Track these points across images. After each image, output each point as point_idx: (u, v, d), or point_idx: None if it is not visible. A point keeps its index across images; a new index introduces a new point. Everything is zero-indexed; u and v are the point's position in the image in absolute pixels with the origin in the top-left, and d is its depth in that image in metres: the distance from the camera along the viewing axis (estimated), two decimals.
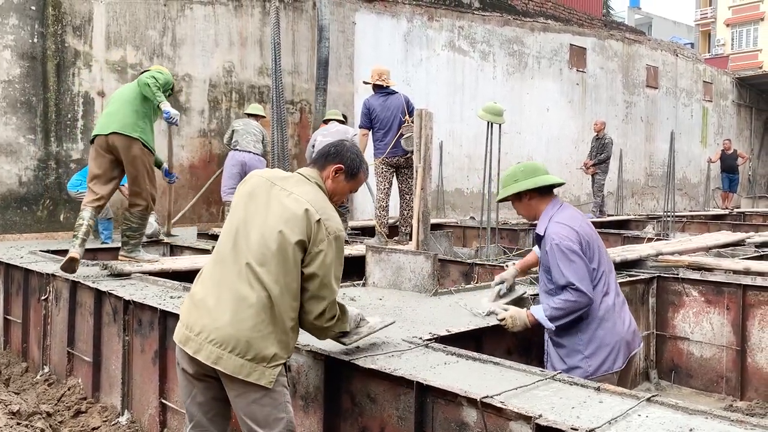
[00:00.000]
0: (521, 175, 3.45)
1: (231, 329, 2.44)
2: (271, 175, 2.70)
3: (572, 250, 3.23)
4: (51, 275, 5.27)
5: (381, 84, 7.51)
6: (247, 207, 2.61)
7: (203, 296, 2.55)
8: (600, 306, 3.29)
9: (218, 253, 2.62)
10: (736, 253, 7.11)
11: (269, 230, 2.51)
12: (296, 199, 2.57)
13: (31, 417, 4.22)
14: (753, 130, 23.86)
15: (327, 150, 2.82)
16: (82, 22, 8.52)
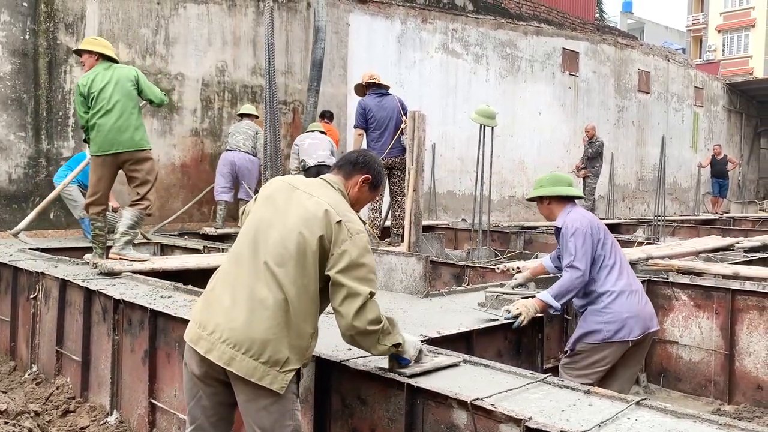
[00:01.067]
0: (546, 183, 4.08)
1: (246, 330, 2.40)
2: (293, 179, 2.70)
3: (579, 231, 3.76)
4: (40, 273, 5.24)
5: (374, 82, 7.51)
6: (267, 208, 2.60)
7: (219, 295, 2.51)
8: (617, 283, 3.78)
9: (236, 254, 2.58)
10: (726, 258, 7.16)
11: (288, 231, 2.48)
12: (317, 201, 2.55)
13: (18, 416, 4.18)
14: (743, 136, 24.03)
15: (355, 158, 2.80)
16: (74, 20, 8.47)
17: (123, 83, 5.52)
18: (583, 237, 3.74)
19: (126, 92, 5.51)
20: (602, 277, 3.79)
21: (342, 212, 2.55)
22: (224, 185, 8.90)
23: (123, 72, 5.57)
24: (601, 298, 3.77)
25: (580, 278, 3.71)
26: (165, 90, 9.33)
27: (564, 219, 3.91)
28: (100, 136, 5.43)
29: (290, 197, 2.58)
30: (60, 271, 5.25)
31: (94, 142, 5.48)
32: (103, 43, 5.79)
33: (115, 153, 5.46)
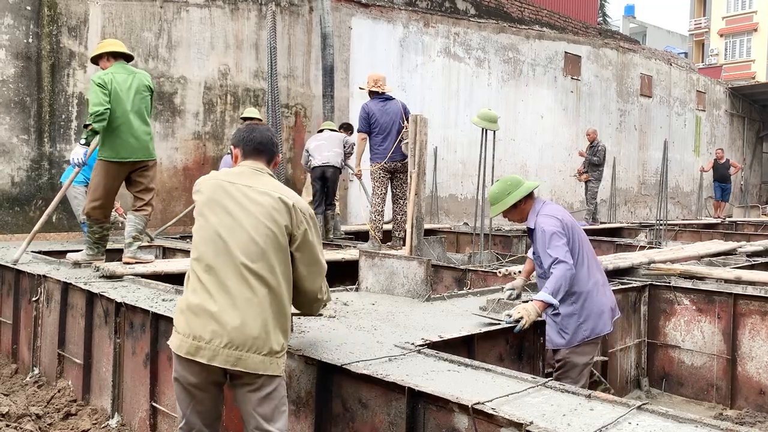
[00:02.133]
0: (511, 187, 4.10)
1: (244, 330, 2.51)
2: (223, 177, 2.76)
3: (554, 233, 3.89)
4: (42, 276, 5.24)
5: (377, 90, 7.54)
6: (219, 213, 2.65)
7: (201, 303, 2.56)
8: (588, 281, 3.98)
9: (203, 262, 2.62)
10: (728, 262, 7.15)
11: (254, 228, 2.60)
12: (269, 193, 2.68)
13: (20, 419, 4.19)
14: (745, 140, 24.01)
15: (271, 140, 2.90)
16: (77, 23, 8.50)
17: (142, 90, 5.48)
18: (557, 236, 3.89)
19: (145, 99, 5.49)
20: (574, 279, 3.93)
21: (290, 196, 2.73)
22: None
23: (142, 78, 5.54)
24: (573, 299, 3.96)
25: (570, 270, 3.83)
26: (168, 93, 9.36)
27: (535, 219, 4.03)
28: (119, 142, 5.33)
29: (234, 195, 2.67)
30: (62, 273, 5.25)
31: (110, 147, 5.34)
32: (113, 42, 5.75)
33: (134, 161, 5.44)
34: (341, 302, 4.49)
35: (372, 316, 4.10)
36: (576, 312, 3.96)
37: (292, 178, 10.53)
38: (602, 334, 4.03)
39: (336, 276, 6.72)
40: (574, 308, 3.96)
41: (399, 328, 3.78)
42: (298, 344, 3.24)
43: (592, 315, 3.96)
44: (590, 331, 3.96)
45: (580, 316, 3.96)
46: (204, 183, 2.78)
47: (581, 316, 3.96)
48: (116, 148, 5.36)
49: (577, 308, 3.96)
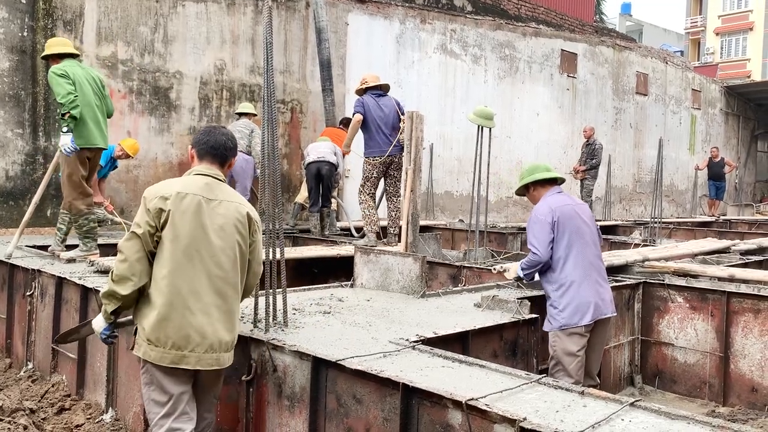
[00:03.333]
0: (526, 173, 4.51)
1: (218, 335, 2.85)
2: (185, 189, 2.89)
3: (539, 221, 4.23)
4: (37, 271, 5.23)
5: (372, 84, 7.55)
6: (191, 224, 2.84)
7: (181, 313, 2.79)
8: (573, 273, 4.18)
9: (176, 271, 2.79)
10: (722, 260, 7.18)
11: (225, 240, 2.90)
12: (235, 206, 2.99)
13: (13, 413, 4.18)
14: (740, 139, 24.07)
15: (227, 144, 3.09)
16: (72, 17, 8.46)
17: (98, 83, 5.77)
18: (541, 225, 4.23)
19: (101, 92, 5.77)
20: (558, 268, 4.22)
21: (248, 206, 3.08)
22: None
23: (95, 73, 5.84)
24: (556, 288, 4.23)
25: (538, 258, 4.23)
26: (163, 88, 9.33)
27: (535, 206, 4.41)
28: (87, 130, 5.53)
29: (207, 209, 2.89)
30: (56, 268, 5.24)
31: (79, 135, 5.49)
32: (63, 41, 6.00)
33: (100, 148, 5.69)
34: (336, 298, 4.49)
35: (367, 312, 4.11)
36: (556, 299, 4.21)
37: (288, 174, 10.53)
38: (578, 326, 4.14)
39: (331, 272, 6.73)
40: (555, 296, 4.22)
41: (394, 324, 3.79)
42: (293, 340, 3.25)
43: (570, 306, 4.15)
44: (567, 320, 4.15)
45: (559, 304, 4.19)
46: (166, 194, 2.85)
47: (560, 305, 4.18)
48: (86, 136, 5.54)
49: (558, 297, 4.19)
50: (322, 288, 5.02)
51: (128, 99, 8.99)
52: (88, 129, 5.56)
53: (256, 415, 3.30)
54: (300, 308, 4.09)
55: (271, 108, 3.62)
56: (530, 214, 4.38)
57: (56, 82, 5.41)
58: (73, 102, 5.36)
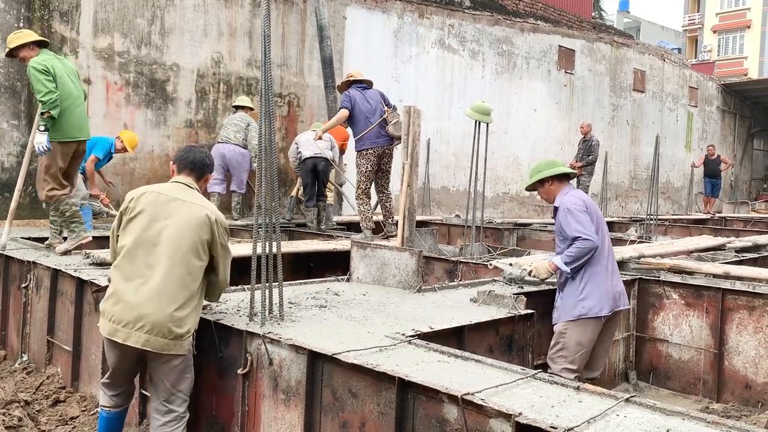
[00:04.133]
0: (544, 166, 4.49)
1: (154, 318, 3.06)
2: (161, 189, 3.35)
3: (578, 209, 4.23)
4: (32, 263, 5.21)
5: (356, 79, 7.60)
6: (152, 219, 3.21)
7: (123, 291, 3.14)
8: (598, 264, 4.22)
9: (130, 255, 3.19)
10: (717, 258, 7.20)
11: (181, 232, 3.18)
12: (198, 207, 3.28)
13: (8, 405, 4.18)
14: (736, 137, 24.12)
15: (204, 161, 3.51)
16: (69, 8, 8.41)
17: (76, 75, 5.78)
18: (581, 215, 4.21)
19: (79, 84, 5.78)
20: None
21: (213, 211, 3.33)
22: (216, 177, 8.88)
23: (68, 64, 5.84)
24: (579, 275, 4.23)
25: (591, 243, 4.16)
26: (160, 81, 9.29)
27: (561, 199, 4.34)
28: (67, 124, 5.51)
29: (173, 207, 3.25)
30: (52, 260, 5.23)
31: (59, 128, 5.46)
32: (29, 32, 5.90)
33: (81, 140, 5.68)
34: (332, 292, 4.49)
35: (363, 306, 4.11)
36: (578, 288, 4.21)
37: (284, 167, 10.51)
38: (599, 316, 4.19)
39: (328, 266, 6.73)
40: (578, 285, 4.21)
41: (390, 318, 3.79)
42: (289, 333, 3.25)
43: (592, 296, 4.18)
44: (588, 310, 4.17)
45: (580, 293, 4.19)
46: (138, 195, 3.32)
47: (581, 294, 4.19)
48: (67, 129, 5.53)
49: (581, 287, 4.20)
50: (318, 282, 5.02)
51: (125, 91, 8.96)
52: (70, 123, 5.53)
53: (252, 409, 3.30)
54: (296, 302, 4.09)
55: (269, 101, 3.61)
56: (562, 208, 4.29)
57: (36, 78, 5.33)
58: (54, 102, 5.32)
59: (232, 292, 4.28)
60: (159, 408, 3.24)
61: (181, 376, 3.23)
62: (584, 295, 4.19)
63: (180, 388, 3.24)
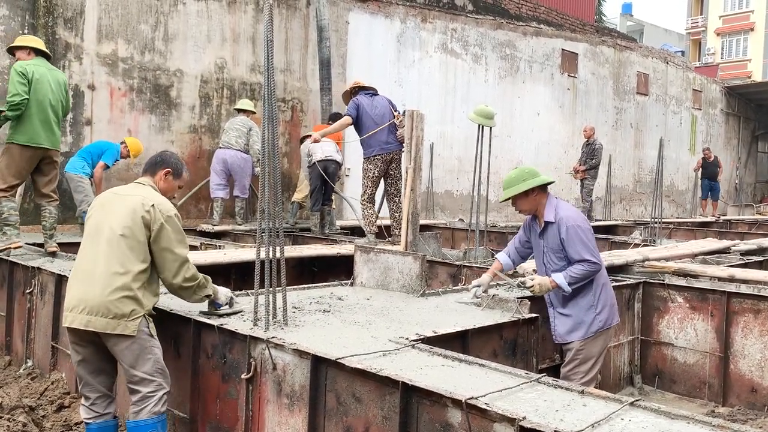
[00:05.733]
0: (527, 175, 4.16)
1: (94, 301, 3.21)
2: (116, 190, 3.60)
3: (584, 229, 4.07)
4: (36, 268, 5.23)
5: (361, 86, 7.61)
6: (101, 212, 3.45)
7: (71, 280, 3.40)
8: (602, 274, 4.17)
9: (81, 248, 3.44)
10: (722, 261, 7.17)
11: (118, 222, 3.34)
12: (133, 197, 3.44)
13: (13, 411, 4.18)
14: (740, 139, 24.06)
15: (154, 160, 3.69)
16: (73, 15, 8.46)
17: (60, 85, 5.83)
18: (587, 233, 4.09)
19: (60, 94, 5.81)
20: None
21: (153, 199, 3.43)
22: (219, 182, 8.90)
23: (58, 76, 5.89)
24: (592, 291, 4.13)
25: (597, 267, 4.04)
26: (164, 86, 9.33)
27: (556, 214, 4.13)
28: (32, 129, 5.59)
29: (116, 201, 3.46)
30: (56, 266, 5.24)
31: (23, 131, 5.57)
32: (35, 39, 6.10)
33: (45, 148, 5.72)
34: (336, 297, 4.49)
35: (366, 310, 4.10)
36: (594, 304, 4.12)
37: (288, 172, 10.53)
38: (614, 325, 4.22)
39: (331, 271, 6.73)
40: (592, 300, 4.12)
41: (393, 322, 3.78)
42: (293, 338, 3.25)
43: (606, 306, 4.16)
44: (604, 322, 4.13)
45: (596, 307, 4.13)
46: (95, 200, 3.62)
47: (597, 308, 4.13)
48: (30, 133, 5.61)
49: (595, 300, 4.12)
50: (321, 286, 5.02)
51: (129, 97, 8.99)
52: (33, 127, 5.61)
53: (256, 414, 3.30)
54: (300, 307, 4.09)
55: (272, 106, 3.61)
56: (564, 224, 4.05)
57: (12, 79, 5.52)
58: (17, 105, 5.47)
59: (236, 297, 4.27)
60: (127, 389, 3.38)
61: (139, 358, 3.29)
62: (600, 308, 4.14)
63: (143, 370, 3.30)
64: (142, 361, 3.30)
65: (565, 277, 4.07)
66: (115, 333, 3.22)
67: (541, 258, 4.31)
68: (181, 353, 3.75)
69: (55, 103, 5.77)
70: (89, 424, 3.48)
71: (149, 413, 3.31)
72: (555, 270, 4.16)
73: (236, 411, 3.40)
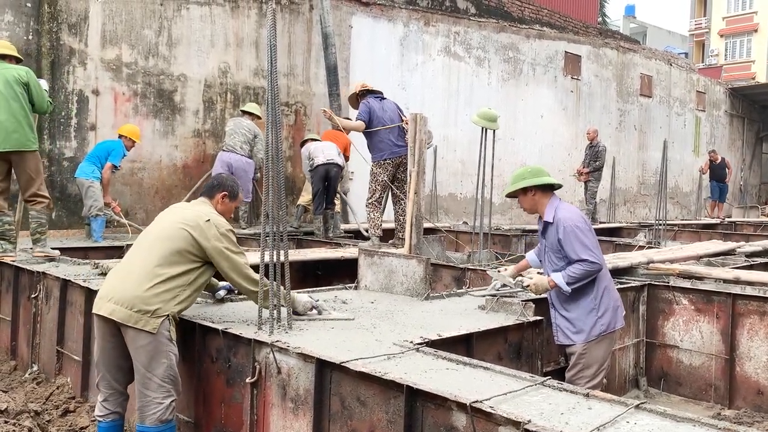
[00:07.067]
0: (528, 174, 4.19)
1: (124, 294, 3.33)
2: (180, 204, 3.92)
3: (582, 229, 4.02)
4: (41, 273, 5.24)
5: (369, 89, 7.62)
6: (158, 219, 3.70)
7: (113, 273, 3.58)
8: (605, 277, 4.13)
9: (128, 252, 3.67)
10: (727, 263, 7.15)
11: (166, 229, 3.52)
12: (191, 210, 3.65)
13: (18, 416, 4.19)
14: (745, 141, 24.00)
15: (211, 184, 3.89)
16: (77, 20, 8.50)
17: (10, 82, 5.67)
18: (586, 232, 4.03)
19: (12, 92, 5.66)
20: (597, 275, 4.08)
21: (210, 215, 3.62)
22: None
23: (14, 73, 5.72)
24: (593, 294, 4.07)
25: (597, 266, 3.99)
26: (168, 91, 9.35)
27: (553, 214, 4.11)
28: None
29: (175, 211, 3.71)
30: (61, 271, 5.25)
31: None
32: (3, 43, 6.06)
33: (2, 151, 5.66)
34: (340, 300, 4.49)
35: (371, 314, 4.10)
36: (595, 307, 4.07)
37: (291, 176, 10.54)
38: (617, 329, 4.16)
39: (335, 274, 6.73)
40: (593, 303, 4.07)
41: (398, 326, 3.78)
42: (297, 342, 3.25)
43: (609, 310, 4.09)
44: (606, 326, 4.08)
45: (598, 311, 4.07)
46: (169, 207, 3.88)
47: (599, 311, 4.06)
48: None
49: (596, 303, 4.07)
50: (326, 290, 5.02)
51: (132, 102, 9.02)
52: None
53: (260, 418, 3.30)
54: None
55: (275, 110, 3.62)
56: (561, 225, 4.04)
57: None
58: None
59: (240, 301, 4.28)
60: (137, 391, 3.38)
61: (153, 359, 3.31)
62: (602, 312, 4.07)
63: (154, 373, 3.31)
64: (156, 364, 3.32)
65: (564, 276, 4.05)
66: (135, 326, 3.27)
67: (544, 258, 4.33)
68: (186, 357, 3.76)
69: (5, 104, 5.61)
70: (100, 422, 3.55)
71: (157, 421, 3.30)
72: (555, 270, 4.15)
73: (241, 415, 3.40)
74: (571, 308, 4.13)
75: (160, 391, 3.32)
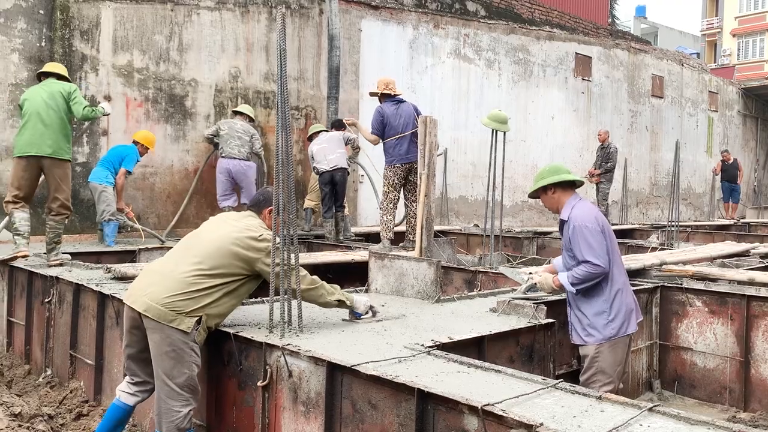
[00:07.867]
0: (547, 173, 4.23)
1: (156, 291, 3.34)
2: (228, 215, 3.86)
3: (591, 229, 3.95)
4: (55, 278, 5.28)
5: (389, 93, 7.60)
6: (207, 225, 3.75)
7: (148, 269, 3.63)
8: (618, 280, 4.04)
9: (174, 249, 3.68)
10: (741, 264, 7.08)
11: (215, 239, 3.52)
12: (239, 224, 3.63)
13: (32, 419, 4.22)
14: (758, 141, 23.79)
15: (257, 200, 3.87)
16: (89, 27, 8.57)
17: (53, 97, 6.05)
18: (593, 234, 3.95)
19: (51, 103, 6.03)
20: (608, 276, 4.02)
21: (255, 228, 3.59)
22: (225, 192, 8.95)
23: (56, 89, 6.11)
24: (605, 297, 4.02)
25: (600, 269, 3.93)
26: (179, 96, 9.40)
27: (570, 213, 4.08)
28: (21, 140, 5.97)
29: (227, 220, 3.72)
30: (74, 275, 5.29)
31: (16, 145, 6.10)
32: (47, 64, 6.62)
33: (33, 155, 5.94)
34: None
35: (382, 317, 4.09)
36: (606, 310, 4.01)
37: (302, 180, 10.56)
38: (628, 334, 4.08)
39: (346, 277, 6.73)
40: (605, 305, 4.01)
41: (409, 329, 3.77)
42: (308, 345, 3.25)
43: (621, 314, 4.02)
44: (617, 330, 4.01)
45: (609, 314, 4.01)
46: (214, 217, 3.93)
47: (610, 314, 4.00)
48: (19, 146, 6.01)
49: (607, 306, 4.01)
50: None
51: (144, 107, 9.08)
52: (23, 140, 5.97)
53: (272, 421, 3.30)
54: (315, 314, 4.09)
55: (285, 114, 3.63)
56: (573, 224, 4.01)
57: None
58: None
59: (251, 305, 4.30)
60: (156, 397, 3.38)
61: (175, 367, 3.29)
62: (613, 315, 4.00)
63: (175, 381, 3.30)
64: (178, 373, 3.30)
65: (569, 277, 4.04)
66: (169, 325, 3.27)
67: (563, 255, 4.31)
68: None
69: (46, 113, 5.95)
70: (118, 398, 3.61)
71: (175, 429, 3.30)
72: (569, 268, 4.13)
73: (252, 418, 3.41)
74: (584, 308, 4.09)
75: (180, 399, 3.31)
